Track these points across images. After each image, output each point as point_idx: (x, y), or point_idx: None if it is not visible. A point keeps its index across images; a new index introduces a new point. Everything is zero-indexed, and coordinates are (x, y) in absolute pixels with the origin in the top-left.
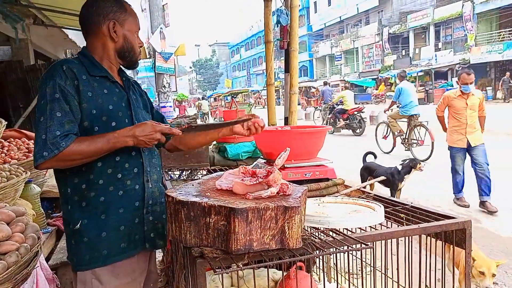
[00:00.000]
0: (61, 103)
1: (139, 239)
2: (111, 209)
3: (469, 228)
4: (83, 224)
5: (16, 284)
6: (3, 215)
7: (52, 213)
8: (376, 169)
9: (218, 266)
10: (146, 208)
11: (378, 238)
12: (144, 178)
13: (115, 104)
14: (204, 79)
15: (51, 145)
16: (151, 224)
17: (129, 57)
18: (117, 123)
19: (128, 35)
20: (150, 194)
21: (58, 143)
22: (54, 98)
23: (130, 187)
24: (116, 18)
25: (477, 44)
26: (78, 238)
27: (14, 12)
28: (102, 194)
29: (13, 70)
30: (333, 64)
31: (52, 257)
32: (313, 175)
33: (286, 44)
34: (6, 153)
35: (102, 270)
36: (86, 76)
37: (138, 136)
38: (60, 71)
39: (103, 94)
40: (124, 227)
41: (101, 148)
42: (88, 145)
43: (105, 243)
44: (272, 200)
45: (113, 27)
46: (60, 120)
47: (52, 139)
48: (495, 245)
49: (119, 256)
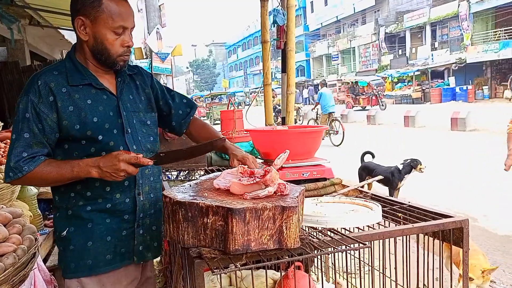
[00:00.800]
0: (30, 124)
1: (126, 252)
2: (98, 218)
3: (466, 227)
4: (69, 232)
5: (14, 286)
6: (0, 217)
7: (49, 214)
8: (374, 168)
9: (216, 266)
10: (137, 222)
11: (376, 237)
12: (135, 191)
13: (101, 115)
14: (201, 79)
15: (14, 168)
16: (140, 237)
17: (102, 58)
18: (104, 136)
19: (100, 33)
20: (141, 208)
21: (21, 166)
22: (24, 118)
23: (119, 200)
24: (86, 14)
25: (473, 43)
26: (65, 245)
27: (9, 13)
28: (89, 204)
29: (9, 71)
30: (330, 64)
31: (49, 259)
32: (311, 174)
33: (282, 44)
34: (2, 155)
35: (87, 280)
36: (66, 88)
37: (102, 168)
38: (35, 87)
39: (86, 106)
40: (111, 238)
41: (64, 176)
42: (51, 171)
43: (90, 252)
44: (270, 200)
45: (82, 24)
46: (28, 141)
47: (16, 161)
48: (491, 244)
49: (104, 268)
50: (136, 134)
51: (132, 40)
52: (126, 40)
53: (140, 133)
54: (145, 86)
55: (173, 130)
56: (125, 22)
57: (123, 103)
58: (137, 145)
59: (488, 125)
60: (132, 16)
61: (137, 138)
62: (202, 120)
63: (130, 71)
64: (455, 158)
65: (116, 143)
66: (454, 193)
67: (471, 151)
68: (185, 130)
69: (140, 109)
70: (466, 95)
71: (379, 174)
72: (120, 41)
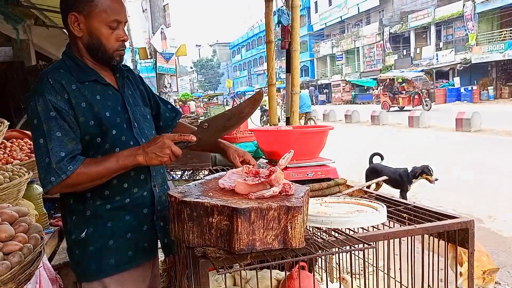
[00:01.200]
0: (59, 121)
1: (148, 247)
2: (118, 216)
3: (471, 228)
4: (88, 233)
5: (19, 284)
6: (6, 216)
7: (55, 213)
8: (382, 170)
9: (221, 266)
10: (156, 215)
11: (380, 238)
12: (151, 184)
13: (111, 110)
14: (205, 79)
15: (57, 169)
16: (163, 230)
17: (98, 54)
18: (116, 130)
19: (95, 28)
20: (158, 199)
21: (65, 166)
22: (50, 117)
23: (137, 194)
24: (80, 10)
25: (478, 44)
26: (83, 247)
27: (15, 13)
28: (108, 202)
29: (14, 71)
30: (334, 64)
31: (55, 257)
32: (315, 175)
33: (287, 44)
34: (8, 154)
35: (109, 280)
36: (76, 85)
37: (147, 151)
38: (47, 86)
39: (97, 102)
40: (131, 235)
41: (111, 169)
42: (97, 168)
43: (112, 251)
44: (275, 200)
45: (75, 20)
46: (61, 140)
47: (57, 162)
48: (497, 246)
49: (127, 265)
50: (142, 128)
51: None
52: (120, 35)
53: (145, 127)
54: (137, 83)
55: (159, 130)
56: (118, 16)
57: (126, 98)
58: (145, 138)
59: (493, 126)
60: (125, 10)
61: (144, 132)
62: (188, 125)
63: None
64: (460, 159)
65: (126, 137)
66: (459, 194)
67: (476, 152)
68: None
69: (140, 103)
70: (471, 95)
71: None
72: (115, 36)
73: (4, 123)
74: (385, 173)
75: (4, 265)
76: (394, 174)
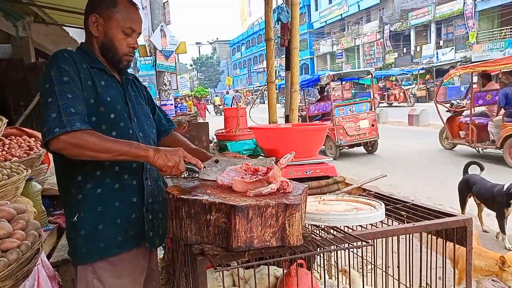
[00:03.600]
0: (71, 85)
1: (135, 235)
2: (108, 202)
3: (470, 226)
4: (80, 217)
5: (17, 282)
6: (4, 213)
7: (53, 210)
8: (476, 184)
9: (218, 263)
10: (145, 206)
11: (378, 235)
12: (143, 176)
13: (113, 97)
14: (205, 77)
15: (65, 121)
16: (150, 223)
17: (109, 55)
18: (115, 115)
19: (111, 32)
20: (150, 192)
21: (74, 121)
22: (62, 81)
23: (127, 181)
24: (101, 13)
25: (479, 42)
26: (75, 231)
27: (14, 10)
28: (98, 185)
29: (13, 68)
30: (334, 62)
31: (53, 255)
32: (314, 172)
33: (287, 42)
34: (7, 151)
35: (101, 269)
36: (86, 65)
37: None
38: (63, 57)
39: (101, 86)
40: (120, 221)
41: (120, 148)
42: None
43: (102, 235)
44: (273, 197)
45: (95, 21)
46: (73, 100)
47: (66, 116)
48: (496, 243)
49: (116, 250)
50: (142, 124)
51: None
52: (132, 42)
53: (145, 124)
54: (141, 89)
55: None
56: (134, 25)
57: (128, 95)
58: (143, 133)
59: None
60: (141, 23)
61: (143, 127)
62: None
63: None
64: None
65: (126, 125)
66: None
67: (473, 151)
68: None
69: (142, 103)
70: None
71: (480, 192)
72: (127, 42)
73: (2, 120)
74: (477, 187)
75: (1, 262)
76: (488, 192)
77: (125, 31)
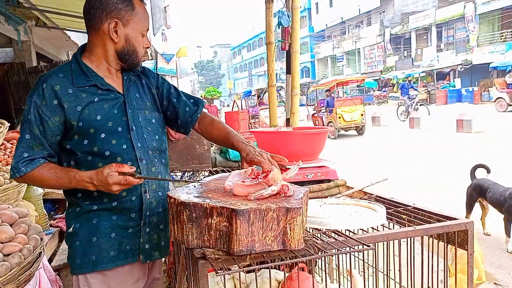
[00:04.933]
0: (32, 126)
1: (130, 250)
2: (104, 215)
3: (471, 229)
4: (76, 228)
5: (19, 285)
6: (6, 217)
7: (55, 214)
8: (489, 188)
9: (220, 267)
10: (143, 220)
11: (380, 239)
12: (141, 189)
13: (104, 114)
14: (206, 81)
15: (14, 168)
16: (147, 236)
17: (129, 60)
18: (106, 134)
19: (132, 36)
20: (148, 206)
21: (19, 167)
22: (27, 120)
23: (125, 198)
24: (120, 17)
25: (479, 45)
26: (72, 241)
27: (16, 14)
28: (95, 203)
29: (15, 72)
30: (335, 65)
31: (55, 258)
32: (315, 176)
33: (287, 45)
34: (9, 155)
35: (93, 278)
36: (72, 89)
37: (97, 186)
38: (39, 89)
39: (93, 104)
40: (115, 235)
41: (63, 185)
42: (50, 178)
43: (94, 248)
44: (274, 201)
45: (114, 27)
46: (29, 142)
47: (16, 162)
48: (497, 247)
49: (108, 265)
50: (142, 132)
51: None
52: (146, 42)
53: (145, 131)
54: (151, 86)
55: (179, 129)
56: (148, 26)
57: (129, 101)
58: (142, 143)
59: (494, 127)
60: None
61: (142, 136)
62: (212, 116)
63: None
64: (461, 160)
65: (118, 141)
66: (459, 195)
67: (476, 153)
68: (191, 129)
69: (146, 107)
70: (472, 96)
71: (493, 196)
72: (143, 43)
73: (4, 124)
74: (491, 192)
75: (4, 266)
76: (500, 195)
77: (143, 34)
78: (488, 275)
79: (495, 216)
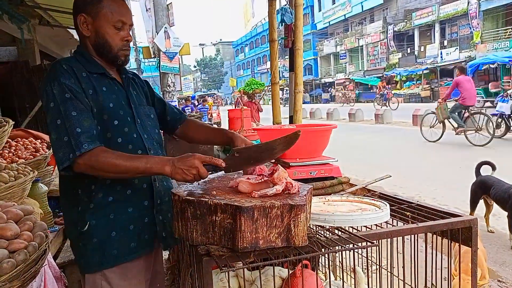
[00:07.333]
0: (74, 102)
1: (149, 239)
2: (120, 208)
3: (475, 226)
4: (91, 225)
5: (25, 282)
6: (12, 214)
7: (59, 212)
8: (493, 186)
9: (224, 264)
10: (155, 208)
11: (383, 236)
12: (151, 177)
13: (115, 102)
14: (209, 78)
15: (74, 145)
16: (161, 224)
17: (104, 52)
18: (119, 121)
19: (102, 28)
20: (158, 193)
21: (81, 143)
22: (65, 98)
23: (138, 186)
24: (88, 11)
25: (483, 42)
26: (87, 239)
27: (19, 12)
28: (110, 193)
29: (19, 70)
30: (338, 63)
31: (59, 256)
32: (319, 173)
33: (290, 43)
34: (13, 153)
35: (111, 272)
36: (86, 73)
37: (175, 164)
38: (62, 70)
39: (102, 92)
40: (133, 227)
41: (137, 168)
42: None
43: (115, 243)
44: (278, 198)
45: (84, 21)
46: (77, 118)
47: (74, 139)
48: (501, 244)
49: (129, 256)
50: (145, 125)
51: (131, 36)
52: (124, 35)
53: (148, 125)
54: (142, 86)
55: (167, 125)
56: (123, 17)
57: (131, 96)
58: (147, 134)
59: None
60: (130, 14)
61: (146, 129)
62: (199, 121)
63: (130, 73)
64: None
65: (130, 129)
66: (463, 192)
67: (476, 150)
68: (178, 127)
69: (144, 103)
70: None
71: (498, 194)
72: (119, 36)
73: (9, 123)
74: (495, 189)
75: (9, 263)
76: (503, 193)
77: (115, 25)
78: (492, 272)
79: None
